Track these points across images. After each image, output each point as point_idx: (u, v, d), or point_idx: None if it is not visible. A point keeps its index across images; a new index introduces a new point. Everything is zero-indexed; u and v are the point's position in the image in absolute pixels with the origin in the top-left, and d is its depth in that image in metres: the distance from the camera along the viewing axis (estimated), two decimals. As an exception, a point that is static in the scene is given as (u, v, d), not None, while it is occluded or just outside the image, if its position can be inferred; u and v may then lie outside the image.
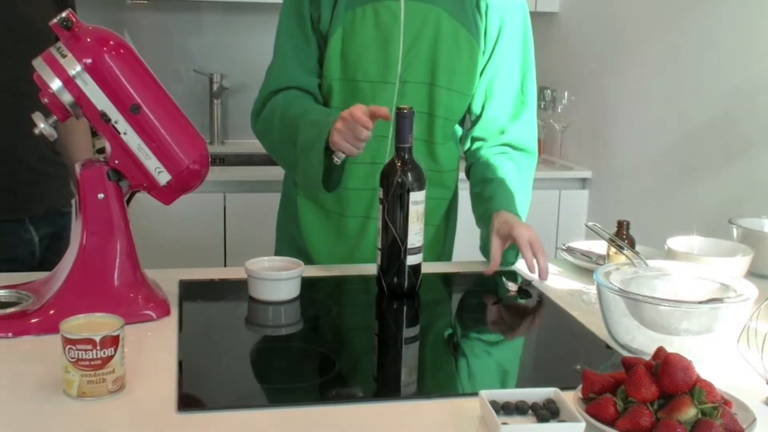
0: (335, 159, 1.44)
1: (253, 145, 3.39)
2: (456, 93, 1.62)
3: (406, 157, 1.41)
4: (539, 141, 3.14)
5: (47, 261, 1.80)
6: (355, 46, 1.56)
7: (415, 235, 1.42)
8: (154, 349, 1.19)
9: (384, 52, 1.57)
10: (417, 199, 1.41)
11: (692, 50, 2.43)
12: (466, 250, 1.85)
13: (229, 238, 2.79)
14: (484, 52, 1.62)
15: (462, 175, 1.78)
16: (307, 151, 1.49)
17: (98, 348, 1.01)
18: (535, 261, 1.49)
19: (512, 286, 1.51)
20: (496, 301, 1.47)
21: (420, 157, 1.60)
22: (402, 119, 1.39)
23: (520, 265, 1.66)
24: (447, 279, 1.62)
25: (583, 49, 3.04)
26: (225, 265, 2.75)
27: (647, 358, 1.01)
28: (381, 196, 1.42)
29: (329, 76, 1.59)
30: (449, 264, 1.73)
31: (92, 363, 1.01)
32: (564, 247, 1.74)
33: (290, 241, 1.76)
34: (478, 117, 1.68)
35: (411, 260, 1.42)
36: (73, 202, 1.99)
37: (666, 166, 2.58)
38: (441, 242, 1.75)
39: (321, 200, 1.68)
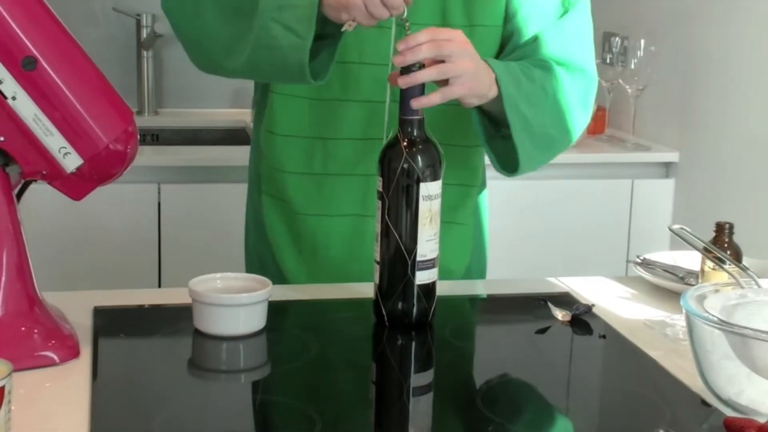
0: (346, 26, 1.43)
1: (199, 115, 3.38)
2: (480, 28, 1.62)
3: (415, 133, 1.40)
4: (603, 109, 3.14)
5: None
6: None
7: (428, 243, 1.41)
8: (55, 406, 1.18)
9: None
10: (430, 193, 1.40)
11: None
12: (497, 261, 1.85)
13: (165, 246, 2.78)
14: None
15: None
16: (280, 10, 1.47)
17: (-24, 404, 1.00)
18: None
19: (563, 315, 1.51)
20: (541, 336, 1.47)
21: (435, 127, 1.60)
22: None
23: (575, 286, 1.65)
24: (472, 304, 1.61)
25: (666, -20, 3.04)
26: (159, 285, 2.75)
27: (762, 419, 1.00)
28: (380, 189, 1.41)
29: None
30: (476, 283, 1.72)
31: (-33, 426, 1.00)
32: (639, 260, 1.73)
33: (261, 265, 1.76)
34: (507, 39, 1.65)
35: (421, 278, 1.42)
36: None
37: (784, 144, 2.57)
38: (469, 247, 1.76)
39: (290, 198, 1.68)
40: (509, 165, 1.59)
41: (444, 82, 1.45)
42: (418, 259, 1.41)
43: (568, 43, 1.65)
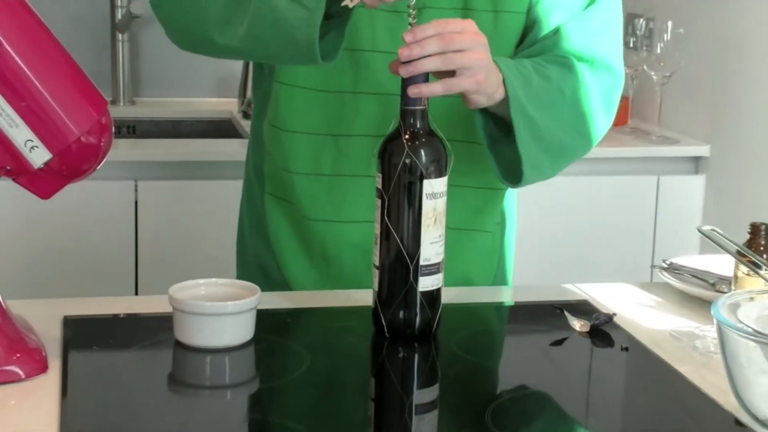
0: (347, 1, 1.40)
1: (180, 105, 3.38)
2: (505, 14, 1.62)
3: (418, 125, 1.41)
4: (625, 99, 3.14)
5: None
6: None
7: (432, 246, 1.41)
8: (20, 426, 1.18)
9: None
10: (434, 190, 1.40)
11: None
12: (520, 267, 1.85)
13: (143, 249, 2.78)
14: None
15: None
16: None
17: (-66, 424, 1.00)
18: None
19: (581, 325, 1.51)
20: (557, 348, 1.47)
21: (460, 124, 1.60)
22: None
23: (594, 293, 1.65)
24: (481, 313, 1.61)
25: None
26: (136, 292, 2.75)
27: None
28: (379, 186, 1.42)
29: None
30: (484, 290, 1.72)
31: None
32: (665, 264, 1.73)
33: (261, 272, 1.76)
34: (528, 30, 1.65)
35: (424, 284, 1.42)
36: None
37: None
38: (495, 258, 1.76)
39: (297, 201, 1.67)
40: (513, 174, 1.58)
41: (450, 75, 1.44)
42: (421, 263, 1.41)
43: (592, 37, 1.65)
